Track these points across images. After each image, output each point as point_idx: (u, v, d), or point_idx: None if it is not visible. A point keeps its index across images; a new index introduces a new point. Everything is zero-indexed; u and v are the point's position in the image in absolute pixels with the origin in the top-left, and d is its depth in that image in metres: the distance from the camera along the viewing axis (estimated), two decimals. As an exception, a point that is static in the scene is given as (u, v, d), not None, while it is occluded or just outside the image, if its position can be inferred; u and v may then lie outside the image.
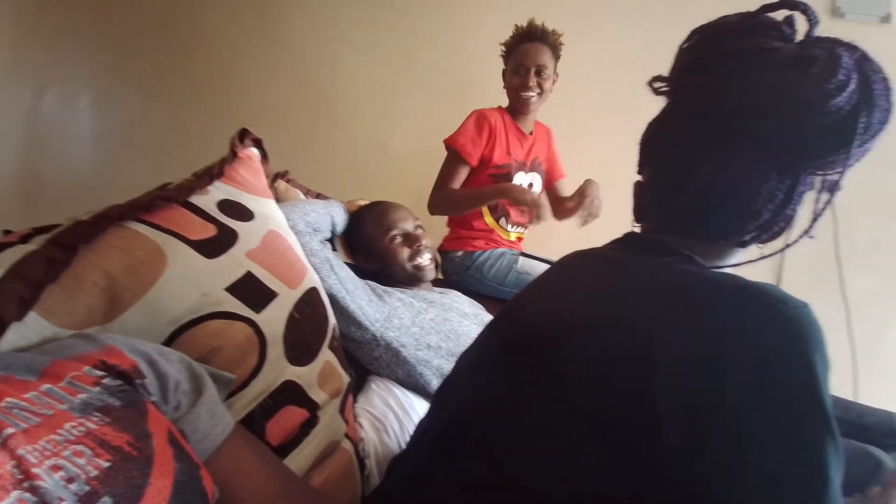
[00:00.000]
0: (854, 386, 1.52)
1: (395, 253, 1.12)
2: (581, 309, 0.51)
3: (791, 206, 0.50)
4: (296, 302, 0.67)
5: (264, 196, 0.78)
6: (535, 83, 1.46)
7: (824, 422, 0.38)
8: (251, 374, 0.58)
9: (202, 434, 0.44)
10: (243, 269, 0.62)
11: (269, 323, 0.61)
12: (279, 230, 0.74)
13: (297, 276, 0.71)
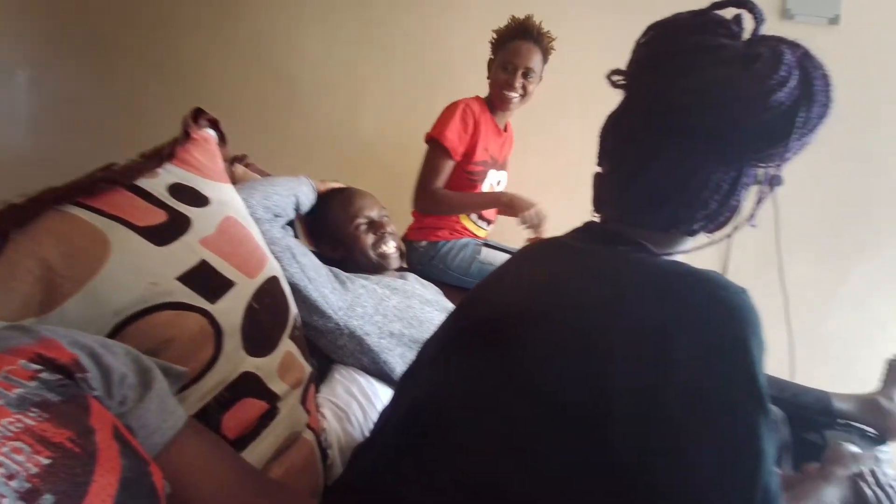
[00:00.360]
0: (791, 367, 1.63)
1: (359, 240, 1.11)
2: (539, 297, 0.53)
3: (736, 197, 0.52)
4: (255, 291, 0.65)
5: (220, 180, 0.74)
6: (520, 84, 1.43)
7: (758, 399, 0.41)
8: (206, 366, 0.56)
9: (151, 429, 0.42)
10: (197, 258, 0.59)
11: (226, 313, 0.59)
12: (237, 217, 0.71)
13: (256, 264, 0.68)
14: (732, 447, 0.41)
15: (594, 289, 0.49)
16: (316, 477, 0.71)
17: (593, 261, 0.53)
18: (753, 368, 0.41)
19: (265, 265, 0.69)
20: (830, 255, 1.66)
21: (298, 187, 1.01)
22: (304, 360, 0.73)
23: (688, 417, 0.41)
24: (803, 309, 1.66)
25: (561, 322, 0.48)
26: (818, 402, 1.07)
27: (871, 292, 1.63)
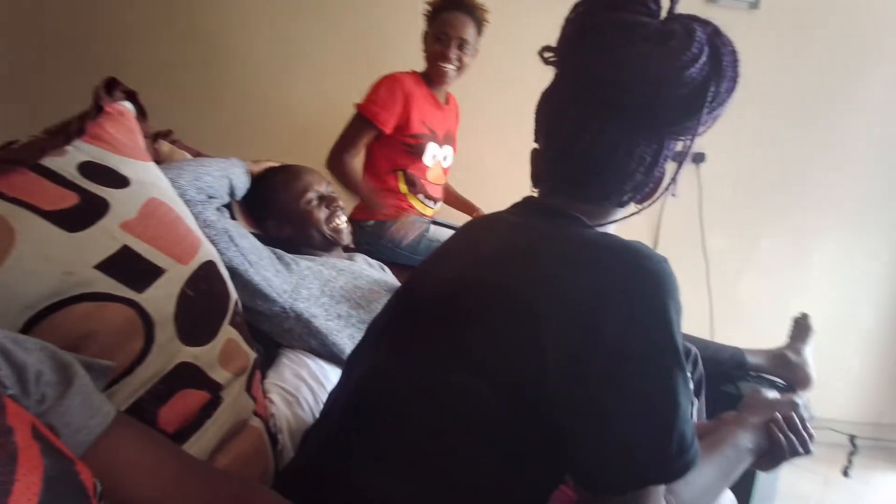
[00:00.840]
0: (711, 327, 1.80)
1: (311, 215, 1.07)
2: (478, 273, 0.54)
3: (658, 168, 0.56)
4: (188, 278, 0.61)
5: (141, 158, 0.68)
6: (455, 56, 1.42)
7: (674, 358, 0.45)
8: (136, 359, 0.52)
9: (76, 426, 0.39)
10: (117, 244, 0.55)
11: (155, 302, 0.55)
12: (163, 198, 0.66)
13: (188, 249, 0.64)
14: (651, 400, 0.45)
15: (530, 262, 0.51)
16: (266, 463, 0.69)
17: (530, 235, 0.55)
18: (671, 330, 0.45)
19: (199, 250, 0.65)
20: (744, 227, 1.81)
21: (230, 169, 0.95)
22: (248, 346, 0.70)
23: (612, 375, 0.45)
24: (721, 275, 1.82)
25: (498, 296, 0.50)
26: (733, 357, 1.18)
27: (778, 259, 1.81)
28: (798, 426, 0.65)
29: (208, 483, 0.46)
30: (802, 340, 1.25)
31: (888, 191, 1.74)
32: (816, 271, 1.81)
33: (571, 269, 0.48)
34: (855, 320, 1.81)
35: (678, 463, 0.45)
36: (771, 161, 1.78)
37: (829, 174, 1.75)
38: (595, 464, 0.47)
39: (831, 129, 1.73)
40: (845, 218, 1.77)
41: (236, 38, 1.82)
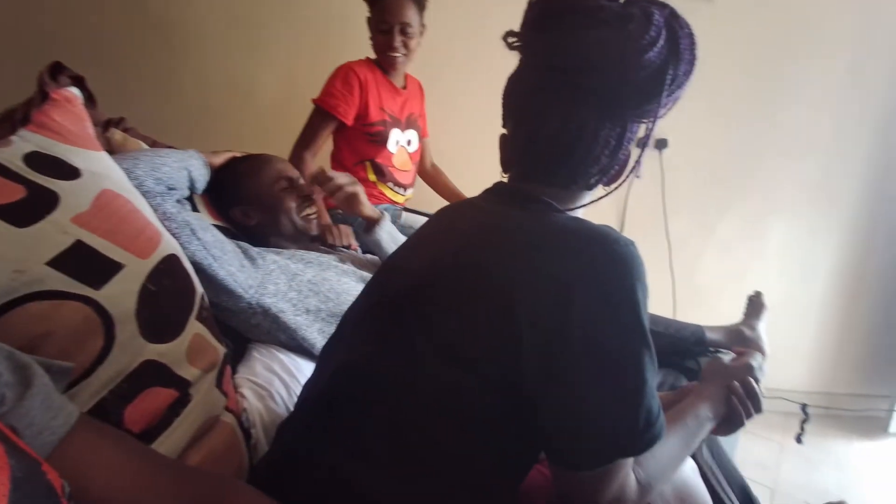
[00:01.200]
0: (673, 306, 1.88)
1: (284, 202, 1.05)
2: (451, 258, 0.55)
3: (623, 151, 0.57)
4: (149, 273, 0.58)
5: (91, 148, 0.64)
6: (400, 42, 1.38)
7: (641, 338, 0.48)
8: (97, 359, 0.50)
9: (39, 427, 0.38)
10: (70, 238, 0.52)
11: (115, 299, 0.53)
12: (118, 189, 0.63)
13: (148, 242, 0.61)
14: (620, 379, 0.47)
15: (501, 248, 0.52)
16: (240, 458, 0.68)
17: (501, 221, 0.56)
18: (638, 311, 0.47)
19: (159, 243, 0.62)
20: (703, 211, 1.89)
21: (189, 161, 0.91)
22: (217, 341, 0.68)
23: (583, 355, 0.47)
24: (683, 257, 1.89)
25: (470, 283, 0.51)
26: (694, 334, 1.24)
27: (734, 241, 1.90)
28: (754, 390, 0.68)
29: (181, 481, 0.45)
30: (756, 317, 1.31)
31: (835, 174, 1.84)
32: (770, 252, 1.90)
33: (543, 254, 0.49)
34: (806, 297, 1.92)
35: (645, 437, 0.47)
36: (728, 148, 1.85)
37: (780, 160, 1.84)
38: (567, 441, 0.49)
39: (782, 117, 1.81)
40: (796, 201, 1.87)
41: (194, 18, 1.73)
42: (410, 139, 1.55)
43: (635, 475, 0.53)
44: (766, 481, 1.46)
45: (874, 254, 1.88)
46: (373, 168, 1.48)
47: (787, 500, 1.38)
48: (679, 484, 0.63)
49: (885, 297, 1.90)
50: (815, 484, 1.46)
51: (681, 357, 1.20)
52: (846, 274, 1.90)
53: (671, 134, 1.84)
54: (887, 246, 1.87)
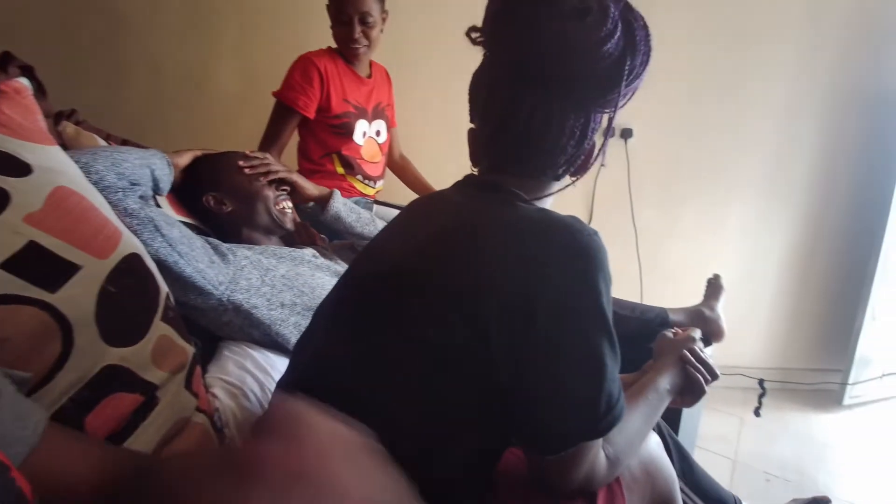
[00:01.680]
0: (640, 290, 1.95)
1: (261, 191, 1.04)
2: (421, 250, 0.55)
3: (588, 141, 0.58)
4: (109, 273, 0.56)
5: (43, 142, 0.61)
6: (360, 33, 1.34)
7: (602, 324, 0.49)
8: (54, 365, 0.48)
9: (9, 440, 0.36)
10: (23, 239, 0.49)
11: (72, 302, 0.50)
12: (72, 186, 0.60)
13: (106, 241, 0.59)
14: (581, 365, 0.49)
15: (469, 240, 0.53)
16: (212, 459, 0.67)
17: (471, 212, 0.56)
18: (599, 299, 0.49)
19: (119, 242, 0.60)
20: (667, 200, 1.96)
21: (151, 159, 0.87)
22: (184, 341, 0.67)
23: (547, 343, 0.48)
24: (648, 243, 1.96)
25: (440, 275, 0.52)
26: (658, 316, 1.29)
27: (697, 229, 1.98)
28: (703, 357, 0.73)
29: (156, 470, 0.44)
30: (716, 298, 1.38)
31: (787, 162, 1.94)
32: (729, 236, 1.99)
33: (510, 244, 0.50)
34: (761, 278, 2.02)
35: (607, 419, 0.50)
36: (688, 138, 1.92)
37: (737, 149, 1.92)
38: (535, 427, 0.50)
39: (738, 107, 1.89)
40: (751, 189, 1.96)
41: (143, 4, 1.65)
42: (379, 130, 1.52)
43: (605, 452, 0.56)
44: (728, 453, 1.54)
45: (823, 237, 2.00)
46: (340, 160, 1.46)
47: (747, 470, 1.46)
48: (645, 457, 0.65)
49: (834, 276, 2.03)
50: (774, 455, 1.56)
51: (647, 339, 1.25)
52: (798, 256, 2.01)
53: (636, 123, 1.89)
54: (835, 229, 1.99)
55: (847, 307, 1.97)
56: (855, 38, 1.84)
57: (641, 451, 0.65)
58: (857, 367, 1.90)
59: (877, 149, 1.90)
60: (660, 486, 0.66)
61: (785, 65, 1.86)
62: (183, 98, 1.72)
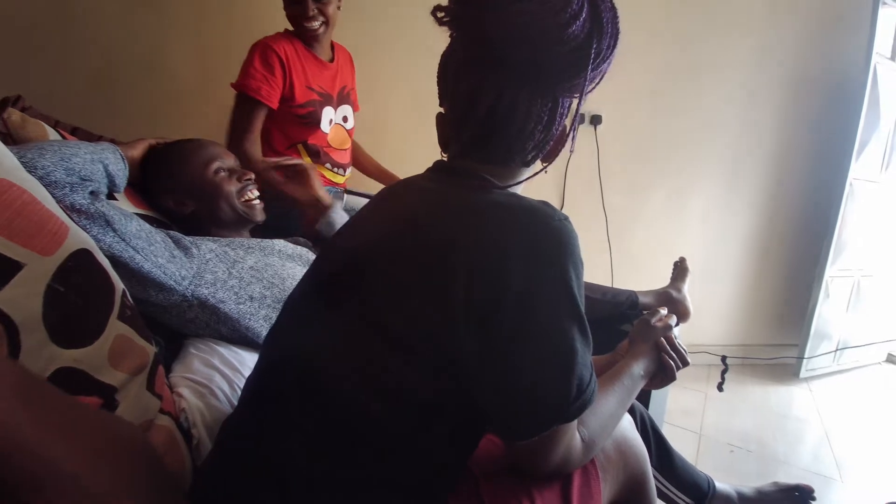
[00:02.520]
0: (611, 274, 1.99)
1: (222, 187, 0.98)
2: (386, 238, 0.54)
3: (556, 126, 0.57)
4: (55, 271, 0.52)
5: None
6: (315, 11, 1.26)
7: (572, 310, 0.49)
8: None
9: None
10: (-45, 237, 0.45)
11: (16, 303, 0.47)
12: (11, 179, 0.55)
13: (51, 238, 0.55)
14: (552, 350, 0.49)
15: (437, 227, 0.51)
16: (181, 460, 0.65)
17: (439, 199, 0.55)
18: (570, 285, 0.49)
19: (65, 238, 0.56)
20: (636, 185, 2.00)
21: (102, 154, 0.80)
22: (144, 340, 0.64)
23: (517, 329, 0.48)
24: (618, 228, 2.00)
25: (406, 263, 0.50)
26: (628, 299, 1.32)
27: (662, 214, 2.03)
28: (676, 344, 0.75)
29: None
30: (682, 280, 1.42)
31: (747, 148, 2.00)
32: (692, 221, 2.06)
33: (480, 231, 0.49)
34: (723, 260, 2.10)
35: (577, 403, 0.50)
36: (655, 124, 1.96)
37: (699, 135, 1.97)
38: (507, 413, 0.50)
39: (700, 95, 1.94)
40: (715, 173, 2.02)
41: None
42: (346, 115, 1.46)
43: (580, 435, 0.57)
44: (693, 427, 1.61)
45: (780, 220, 2.09)
46: (306, 150, 1.40)
47: (711, 443, 1.53)
48: (619, 437, 0.67)
49: (791, 257, 2.13)
50: (736, 427, 1.63)
51: (618, 321, 1.28)
52: (757, 238, 2.10)
53: (605, 110, 1.91)
54: (791, 212, 2.08)
55: (803, 286, 2.07)
56: (812, 26, 1.91)
57: (615, 431, 0.66)
58: (812, 342, 2.01)
59: (832, 134, 1.99)
60: (632, 464, 0.68)
61: (746, 54, 1.91)
62: (135, 81, 1.62)
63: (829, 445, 1.57)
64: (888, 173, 2.03)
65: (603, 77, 0.57)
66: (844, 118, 1.89)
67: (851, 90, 1.87)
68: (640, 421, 0.97)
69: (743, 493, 1.15)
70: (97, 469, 0.39)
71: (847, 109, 1.88)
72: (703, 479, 1.08)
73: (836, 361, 2.13)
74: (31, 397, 0.37)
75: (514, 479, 0.58)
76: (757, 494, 1.15)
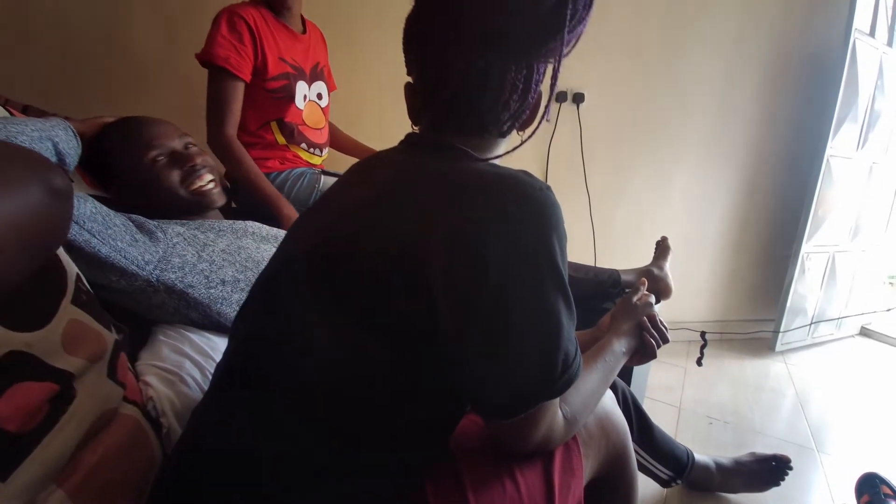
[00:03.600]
0: (594, 253, 2.00)
1: (160, 178, 0.91)
2: (357, 218, 0.51)
3: (532, 94, 0.55)
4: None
5: None
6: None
7: (557, 282, 0.47)
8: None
9: None
10: None
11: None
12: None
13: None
14: (536, 327, 0.47)
15: (410, 200, 0.49)
16: (148, 450, 0.62)
17: (412, 171, 0.52)
18: (553, 256, 0.47)
19: (8, 218, 0.52)
20: (618, 164, 1.99)
21: (52, 131, 0.75)
22: (103, 326, 0.60)
23: (498, 305, 0.45)
24: (601, 208, 2.00)
25: (378, 239, 0.48)
26: (611, 277, 1.32)
27: (644, 192, 2.04)
28: (657, 323, 0.75)
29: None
30: (664, 258, 1.43)
31: (725, 126, 2.01)
32: (673, 199, 2.06)
33: (455, 202, 0.47)
34: (704, 237, 2.12)
35: (563, 379, 0.48)
36: (637, 102, 1.94)
37: (679, 113, 1.97)
38: (489, 392, 0.48)
39: (681, 74, 1.93)
40: (694, 151, 2.02)
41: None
42: (320, 92, 1.39)
43: (562, 412, 0.56)
44: (673, 402, 1.64)
45: (756, 199, 2.11)
46: (280, 129, 1.33)
47: (691, 416, 1.56)
48: (600, 413, 0.67)
49: (768, 233, 2.16)
50: (714, 400, 1.67)
51: (600, 299, 1.28)
52: (735, 216, 2.12)
53: (588, 88, 1.89)
54: (767, 192, 2.11)
55: (779, 262, 2.11)
56: (792, 3, 1.90)
57: (597, 407, 0.66)
58: (788, 317, 2.06)
59: (810, 111, 2.00)
60: (614, 440, 0.68)
61: (724, 32, 1.90)
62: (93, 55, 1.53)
63: (805, 416, 1.61)
64: (864, 151, 2.06)
65: (579, 40, 0.54)
66: (823, 95, 1.91)
67: (830, 66, 1.88)
68: (622, 397, 0.97)
69: (721, 463, 1.18)
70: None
71: (825, 86, 1.90)
72: (683, 451, 1.10)
73: (811, 335, 2.19)
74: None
75: (495, 459, 0.56)
76: (735, 465, 1.18)
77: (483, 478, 0.55)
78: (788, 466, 1.16)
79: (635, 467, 0.73)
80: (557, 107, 1.86)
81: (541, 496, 0.56)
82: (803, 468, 1.32)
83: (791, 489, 1.21)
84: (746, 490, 1.17)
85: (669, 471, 1.07)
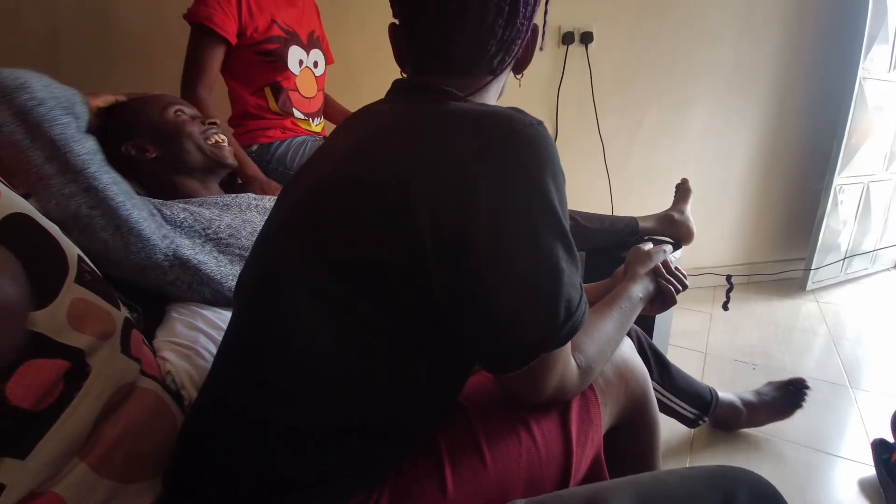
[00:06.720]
0: (611, 201, 1.93)
1: (185, 128, 0.93)
2: (344, 168, 0.49)
3: (520, 19, 0.50)
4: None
5: None
6: None
7: (553, 224, 0.44)
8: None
9: None
10: None
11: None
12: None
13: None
14: (532, 269, 0.44)
15: (394, 148, 0.46)
16: (171, 422, 0.63)
17: (396, 118, 0.49)
18: (549, 197, 0.43)
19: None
20: (631, 107, 1.88)
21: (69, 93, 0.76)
22: (110, 304, 0.60)
23: (491, 250, 0.43)
24: (615, 153, 1.91)
25: (366, 196, 0.45)
26: (628, 226, 1.28)
27: (660, 133, 1.93)
28: (672, 268, 0.72)
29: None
30: (685, 201, 1.37)
31: (747, 58, 1.86)
32: (694, 137, 1.96)
33: (442, 144, 0.44)
34: (726, 178, 2.02)
35: (567, 327, 0.46)
36: (649, 37, 1.82)
37: (698, 44, 1.83)
38: (491, 345, 0.46)
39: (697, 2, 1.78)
40: (715, 84, 1.89)
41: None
42: (317, 60, 1.35)
43: (576, 361, 0.54)
44: (699, 347, 1.61)
45: (784, 132, 1.98)
46: (274, 95, 1.30)
47: (717, 360, 1.53)
48: (619, 361, 0.65)
49: (796, 169, 2.04)
50: (741, 343, 1.63)
51: (619, 249, 1.24)
52: (761, 152, 2.01)
53: (596, 26, 1.77)
54: (795, 123, 1.97)
55: (809, 197, 2.00)
56: None
57: (614, 355, 0.64)
58: (819, 254, 1.97)
59: (839, 37, 1.84)
60: (633, 386, 0.66)
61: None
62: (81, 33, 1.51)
63: (838, 353, 1.57)
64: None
65: None
66: (852, 15, 1.74)
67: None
68: (637, 342, 0.95)
69: (745, 398, 1.17)
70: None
71: (853, 4, 1.73)
72: (706, 388, 1.09)
73: (844, 271, 2.10)
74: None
75: (510, 411, 0.56)
76: (757, 397, 1.17)
77: (498, 431, 0.54)
78: (806, 387, 1.14)
79: (657, 413, 0.71)
80: (564, 49, 1.76)
81: (558, 446, 0.55)
82: (837, 405, 1.29)
83: (824, 426, 1.19)
84: (771, 420, 1.16)
85: (694, 409, 1.06)
